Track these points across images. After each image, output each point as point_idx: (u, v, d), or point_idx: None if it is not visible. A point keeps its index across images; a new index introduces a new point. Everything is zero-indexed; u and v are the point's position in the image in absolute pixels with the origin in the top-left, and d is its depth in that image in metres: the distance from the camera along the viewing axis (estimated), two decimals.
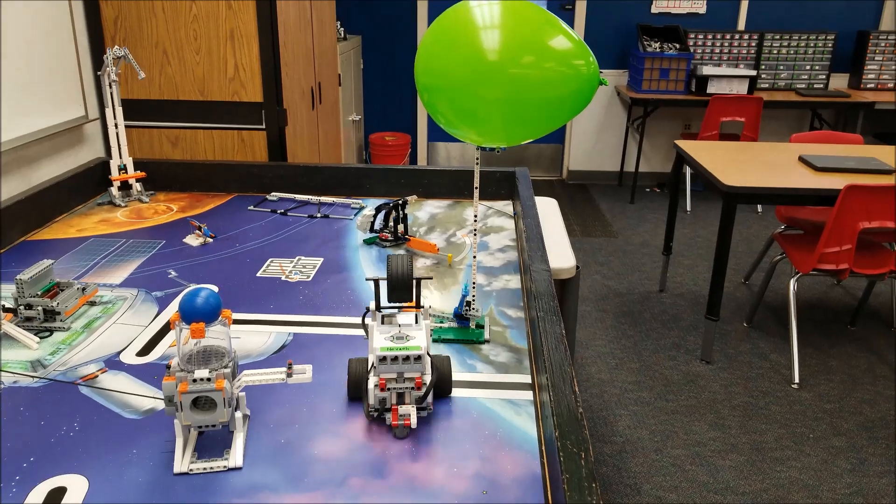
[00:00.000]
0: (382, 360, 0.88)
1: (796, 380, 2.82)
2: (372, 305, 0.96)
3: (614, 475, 2.27)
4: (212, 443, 0.88)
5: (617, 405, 2.66)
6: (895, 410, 2.64)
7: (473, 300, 1.17)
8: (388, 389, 0.89)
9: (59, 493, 0.80)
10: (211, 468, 0.83)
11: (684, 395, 2.73)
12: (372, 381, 0.91)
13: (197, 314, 0.82)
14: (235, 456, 0.84)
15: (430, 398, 0.92)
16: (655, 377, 2.85)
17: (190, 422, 0.83)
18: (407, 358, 0.88)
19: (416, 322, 0.95)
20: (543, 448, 0.89)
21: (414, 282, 0.95)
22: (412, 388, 0.90)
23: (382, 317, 0.96)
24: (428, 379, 0.90)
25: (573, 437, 0.80)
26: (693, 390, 2.76)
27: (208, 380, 0.82)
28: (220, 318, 0.85)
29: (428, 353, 0.93)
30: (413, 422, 0.89)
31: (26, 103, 2.00)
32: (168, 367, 0.84)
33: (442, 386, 0.97)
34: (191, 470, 0.83)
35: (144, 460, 0.85)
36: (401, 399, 0.91)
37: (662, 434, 2.49)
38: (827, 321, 3.35)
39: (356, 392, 0.97)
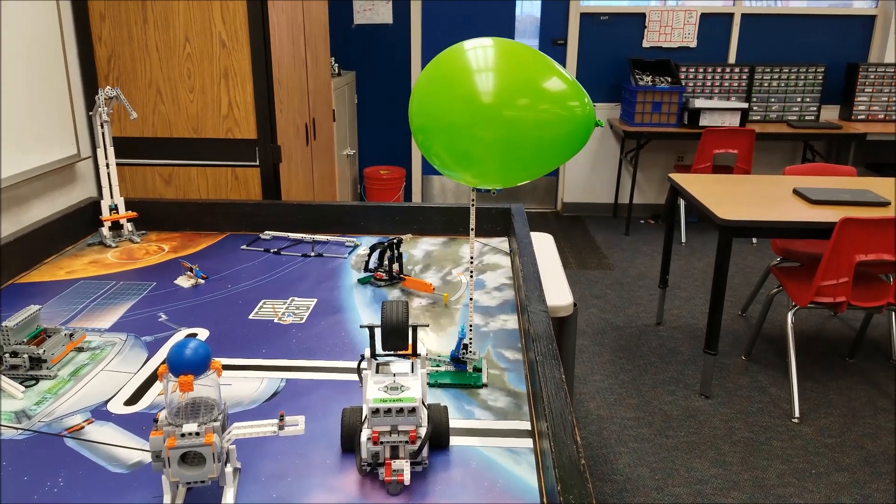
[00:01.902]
0: (375, 412, 0.85)
1: (797, 414, 2.78)
2: (367, 353, 0.93)
3: None
4: (201, 498, 0.85)
5: (616, 442, 2.61)
6: None
7: (471, 343, 1.15)
8: (382, 443, 0.86)
9: None
10: None
11: (684, 430, 2.69)
12: (365, 433, 0.87)
13: (185, 367, 0.79)
14: None
15: (425, 451, 0.89)
16: (655, 413, 2.81)
17: (178, 478, 0.80)
18: (401, 410, 0.85)
19: (412, 370, 0.92)
20: (545, 500, 0.86)
21: (410, 329, 0.93)
22: (406, 442, 0.86)
23: (378, 365, 0.92)
24: (423, 432, 0.87)
25: (576, 490, 0.77)
26: (693, 426, 2.72)
27: (197, 434, 0.79)
28: (209, 370, 0.82)
29: (424, 404, 0.90)
30: (406, 478, 0.85)
31: (18, 142, 1.99)
32: (155, 420, 0.81)
33: (438, 438, 0.94)
34: None
35: None
36: (395, 453, 0.87)
37: (663, 472, 2.44)
38: (825, 353, 3.32)
39: (349, 444, 0.93)
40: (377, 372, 0.92)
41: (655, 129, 4.90)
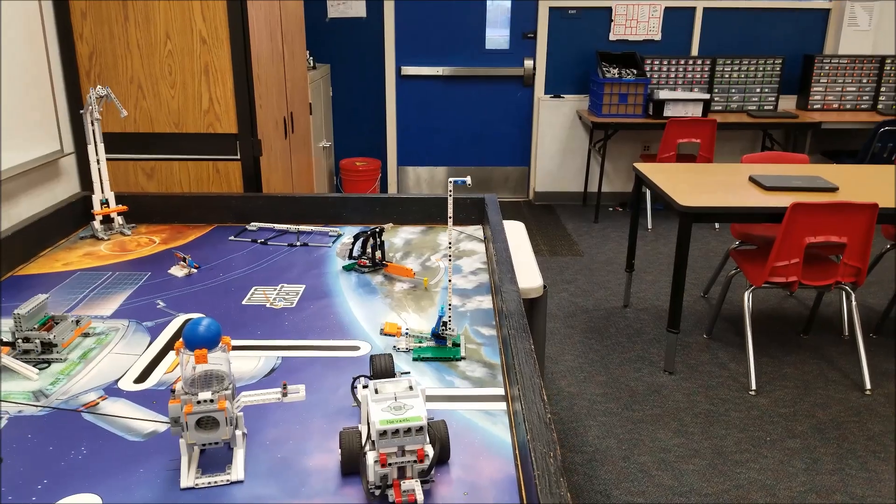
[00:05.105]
0: (383, 434, 0.84)
1: (753, 387, 2.96)
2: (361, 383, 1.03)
3: (585, 483, 2.37)
4: (213, 460, 0.95)
5: (586, 416, 2.76)
6: (844, 413, 2.79)
7: (450, 320, 1.26)
8: (390, 464, 0.85)
9: None
10: (215, 482, 0.90)
11: (649, 404, 2.85)
12: (371, 456, 0.86)
13: (199, 341, 0.90)
14: (237, 470, 0.92)
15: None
16: (622, 389, 2.97)
17: (195, 440, 0.90)
18: (409, 430, 0.84)
19: (411, 388, 0.92)
20: (517, 452, 0.98)
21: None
22: (414, 462, 0.86)
23: (375, 386, 0.92)
24: (430, 449, 0.87)
25: (543, 439, 0.89)
26: (657, 400, 2.88)
27: (211, 401, 0.89)
28: (220, 345, 0.93)
29: (428, 423, 0.89)
30: (419, 498, 0.85)
31: (3, 138, 2.05)
32: (173, 390, 0.91)
33: (442, 454, 0.94)
34: (196, 485, 0.90)
35: (152, 478, 0.92)
36: (401, 473, 0.86)
37: (629, 442, 2.60)
38: (781, 331, 3.51)
39: (351, 468, 0.92)
40: (376, 392, 0.91)
41: (622, 119, 5.05)
